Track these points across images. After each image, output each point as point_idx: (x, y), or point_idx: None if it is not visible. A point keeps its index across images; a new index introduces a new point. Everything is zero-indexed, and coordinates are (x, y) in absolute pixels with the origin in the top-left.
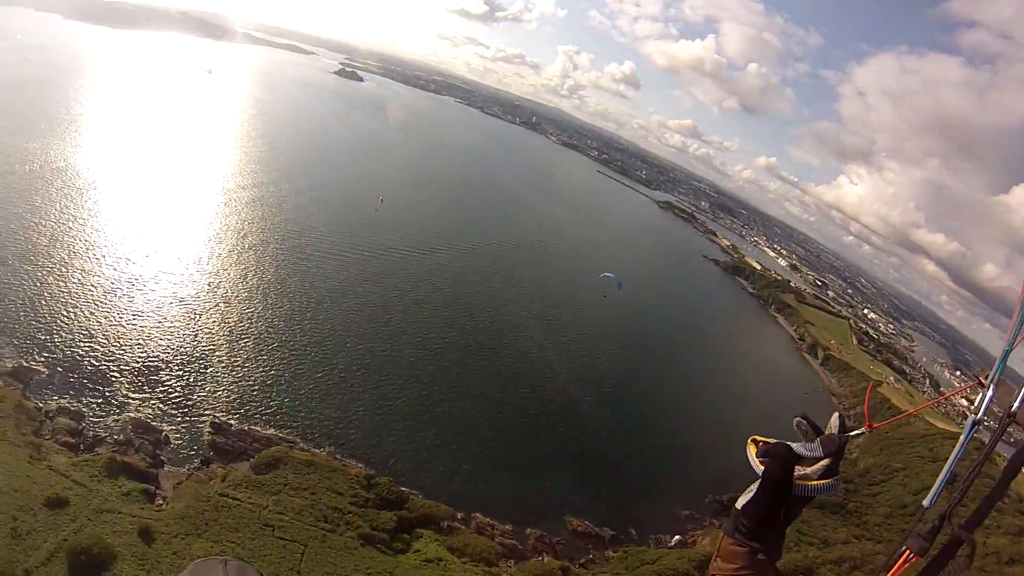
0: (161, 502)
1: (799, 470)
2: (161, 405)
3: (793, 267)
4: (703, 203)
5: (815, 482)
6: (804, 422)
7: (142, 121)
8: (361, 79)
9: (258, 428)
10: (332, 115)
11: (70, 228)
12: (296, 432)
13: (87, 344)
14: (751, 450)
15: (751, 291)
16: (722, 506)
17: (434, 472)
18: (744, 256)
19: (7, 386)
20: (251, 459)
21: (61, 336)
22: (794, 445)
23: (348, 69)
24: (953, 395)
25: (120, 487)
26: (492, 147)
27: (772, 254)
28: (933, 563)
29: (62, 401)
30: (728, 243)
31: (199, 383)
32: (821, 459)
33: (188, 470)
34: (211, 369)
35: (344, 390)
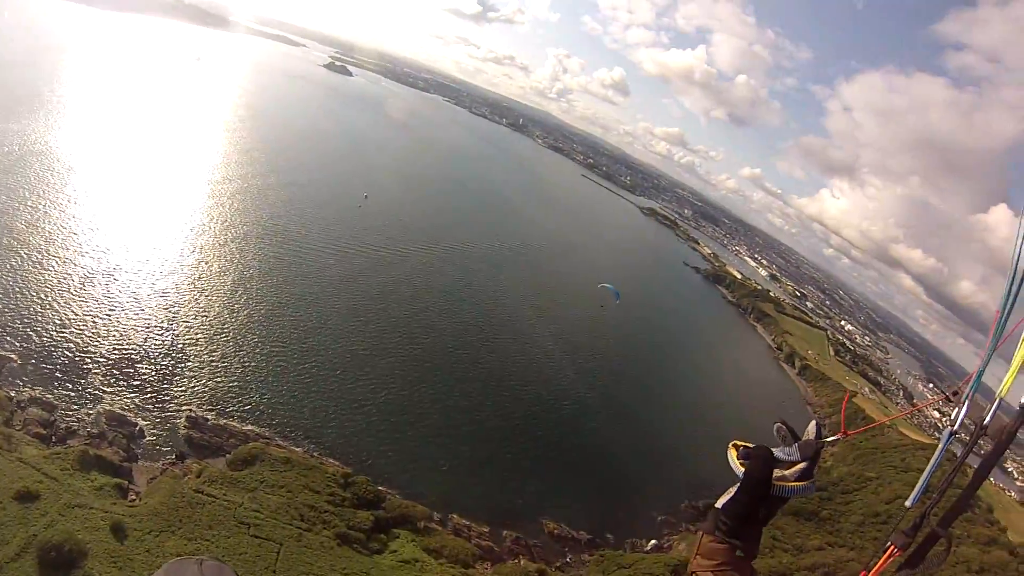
0: (134, 497)
1: (777, 472)
2: (136, 398)
3: (773, 277)
4: (686, 211)
5: (792, 484)
6: (784, 427)
7: (127, 106)
8: (351, 74)
9: (235, 424)
10: (320, 109)
11: (48, 213)
12: (274, 429)
13: (61, 334)
14: (732, 453)
15: (731, 299)
16: (698, 512)
17: (412, 472)
18: (725, 265)
19: None
20: (227, 455)
21: (35, 324)
22: (774, 449)
23: (338, 63)
24: (925, 406)
25: (92, 481)
26: (480, 147)
27: (753, 264)
28: (914, 555)
29: (34, 391)
30: (710, 251)
31: (176, 377)
32: (798, 463)
33: (163, 465)
34: (189, 363)
35: (323, 388)
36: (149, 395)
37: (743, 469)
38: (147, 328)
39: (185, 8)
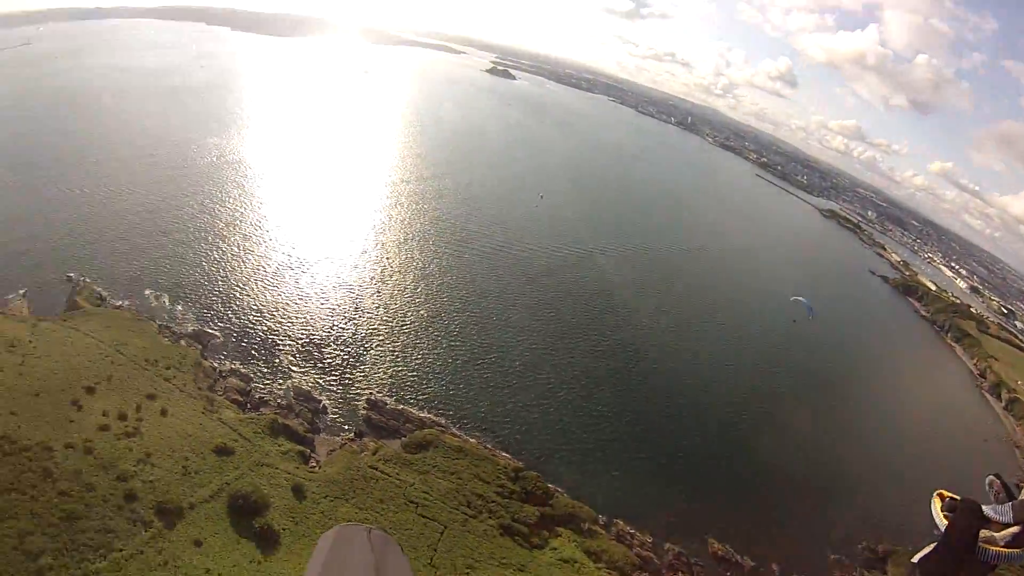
0: (315, 465)
1: (985, 533)
2: (322, 378)
3: (974, 290)
4: (870, 213)
5: (1001, 549)
6: (997, 482)
7: (307, 118)
8: (514, 77)
9: (412, 410)
10: (487, 112)
11: (244, 214)
12: (450, 418)
13: (257, 317)
14: (936, 504)
15: (924, 314)
16: (876, 558)
17: (583, 473)
18: (917, 274)
19: (189, 346)
20: (403, 438)
21: (236, 308)
22: (984, 506)
23: (500, 67)
24: None
25: (280, 446)
26: (649, 147)
27: (949, 273)
28: None
29: (234, 364)
30: (898, 258)
31: (359, 362)
32: (1011, 526)
33: (342, 440)
34: (371, 350)
35: (501, 383)
36: (334, 376)
37: (946, 523)
38: (333, 316)
39: (350, 28)
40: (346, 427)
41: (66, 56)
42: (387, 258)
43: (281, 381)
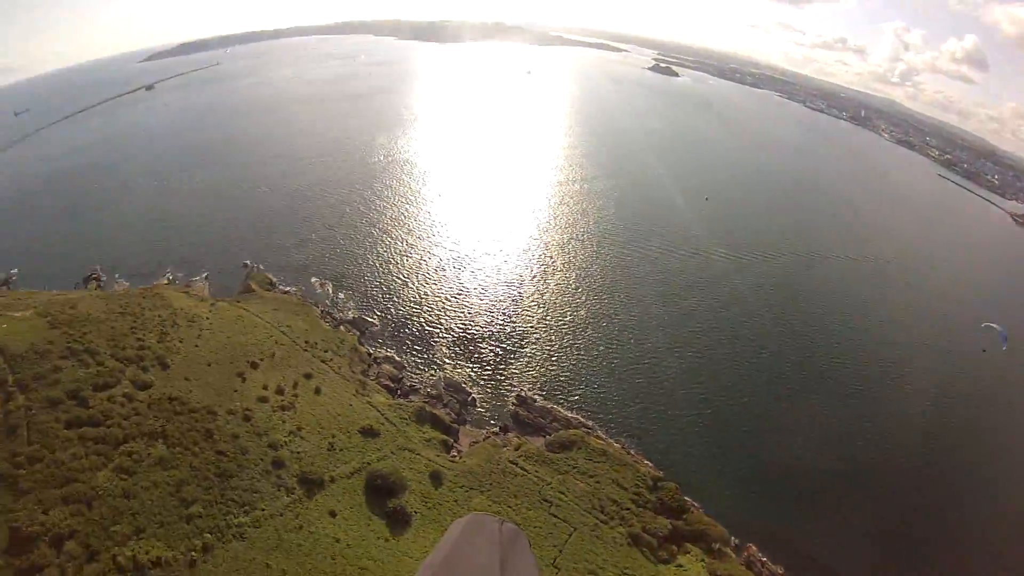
0: (456, 454)
1: None
2: (474, 371)
3: None
4: None
5: None
6: None
7: (471, 119)
8: (676, 74)
9: (560, 409)
10: (651, 111)
11: (409, 210)
12: (597, 420)
13: (416, 308)
14: None
15: None
16: None
17: (723, 490)
18: None
19: (348, 331)
20: (547, 436)
21: (396, 299)
22: None
23: (662, 64)
24: None
25: (424, 433)
26: (819, 145)
27: None
28: None
29: (389, 352)
30: None
31: (513, 358)
32: None
33: (486, 433)
34: (526, 348)
35: (653, 390)
36: (487, 370)
37: None
38: (491, 312)
39: (510, 31)
40: (492, 421)
41: (252, 72)
42: (549, 257)
43: (433, 371)
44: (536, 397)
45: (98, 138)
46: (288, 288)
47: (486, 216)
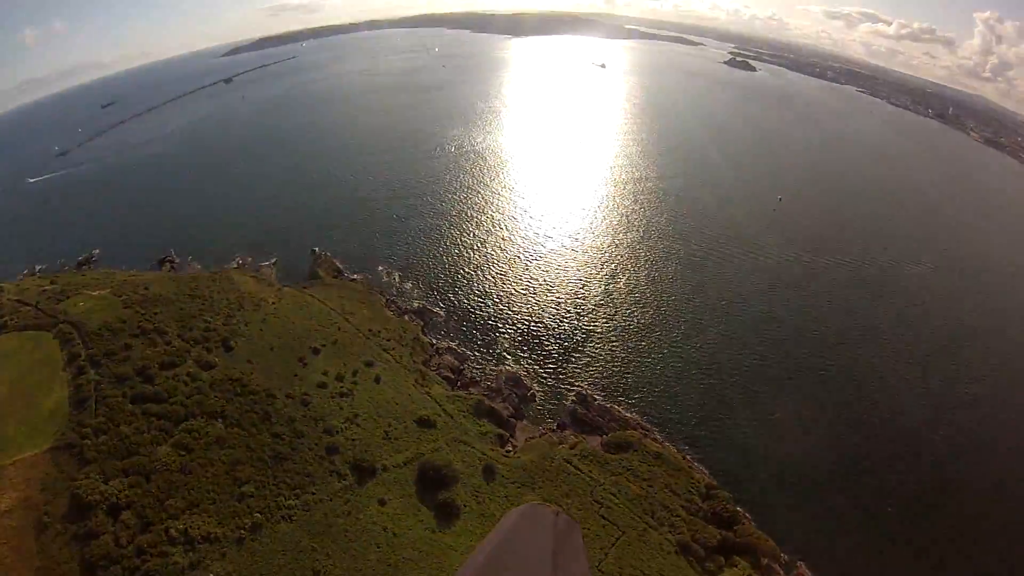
0: (510, 449)
1: None
2: (536, 367)
3: None
4: None
5: None
6: None
7: (543, 112)
8: (753, 69)
9: (620, 410)
10: (726, 106)
11: (480, 204)
12: (656, 422)
13: (481, 301)
14: None
15: None
16: None
17: (779, 505)
18: None
19: (411, 320)
20: (604, 436)
21: (462, 291)
22: None
23: (739, 59)
24: None
25: (480, 426)
26: (901, 145)
27: None
28: None
29: (451, 343)
30: None
31: (575, 355)
32: None
33: (542, 429)
34: (589, 346)
35: (718, 398)
36: (548, 367)
37: None
38: (557, 309)
39: (584, 23)
40: (550, 418)
41: (329, 64)
42: (620, 256)
43: (495, 365)
44: (596, 396)
45: (176, 129)
46: (355, 276)
47: (557, 211)
